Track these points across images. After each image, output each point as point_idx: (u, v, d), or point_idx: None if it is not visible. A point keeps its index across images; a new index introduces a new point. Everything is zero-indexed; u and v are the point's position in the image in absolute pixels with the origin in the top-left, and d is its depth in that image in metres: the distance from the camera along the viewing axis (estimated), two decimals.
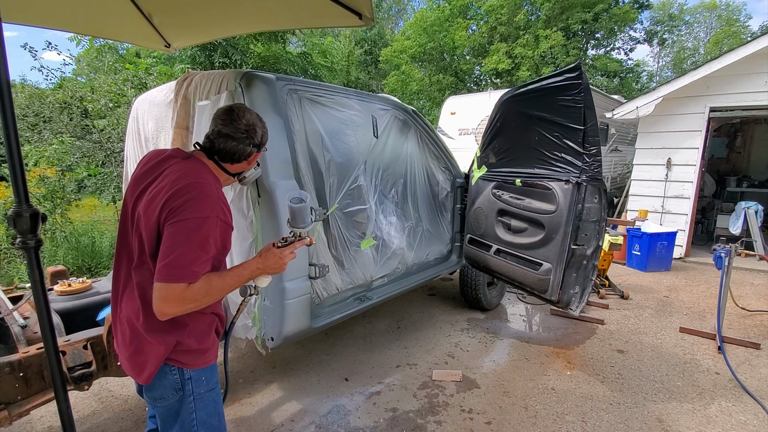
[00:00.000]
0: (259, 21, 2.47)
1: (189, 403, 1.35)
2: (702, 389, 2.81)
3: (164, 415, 1.38)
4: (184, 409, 1.36)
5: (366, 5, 1.84)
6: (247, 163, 1.44)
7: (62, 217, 5.93)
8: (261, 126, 1.42)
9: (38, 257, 1.31)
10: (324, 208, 2.38)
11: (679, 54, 30.53)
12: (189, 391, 1.35)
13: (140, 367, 1.30)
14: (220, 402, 1.47)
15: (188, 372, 1.34)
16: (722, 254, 3.30)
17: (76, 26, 2.61)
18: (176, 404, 1.35)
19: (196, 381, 1.36)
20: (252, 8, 2.16)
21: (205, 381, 1.39)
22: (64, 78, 8.97)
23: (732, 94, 5.62)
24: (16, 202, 1.27)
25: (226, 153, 1.36)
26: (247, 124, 1.37)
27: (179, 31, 2.46)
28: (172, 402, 1.35)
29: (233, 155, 1.37)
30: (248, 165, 1.46)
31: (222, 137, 1.34)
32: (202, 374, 1.37)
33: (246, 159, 1.42)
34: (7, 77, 1.24)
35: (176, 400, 1.35)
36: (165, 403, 1.35)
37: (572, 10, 16.25)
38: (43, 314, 1.33)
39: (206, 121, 2.22)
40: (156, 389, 1.34)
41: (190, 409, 1.36)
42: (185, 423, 1.37)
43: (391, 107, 2.98)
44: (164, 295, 1.15)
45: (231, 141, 1.35)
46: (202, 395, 1.38)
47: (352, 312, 2.66)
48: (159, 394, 1.34)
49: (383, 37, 22.28)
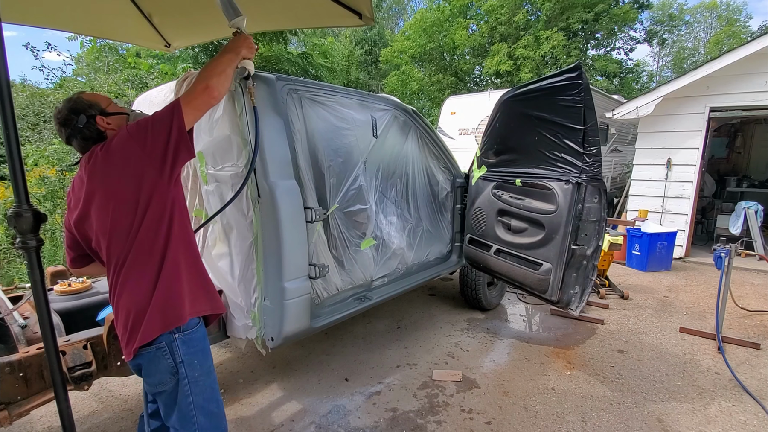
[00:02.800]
0: (260, 21, 2.47)
1: (184, 386, 1.43)
2: (702, 389, 2.81)
3: (165, 401, 1.46)
4: (180, 392, 1.43)
5: (366, 5, 1.85)
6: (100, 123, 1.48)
7: (62, 217, 5.91)
8: (66, 106, 1.45)
9: (38, 257, 1.32)
10: (324, 208, 2.38)
11: (679, 54, 30.52)
12: (183, 374, 1.42)
13: (134, 330, 1.38)
14: (216, 389, 1.55)
15: (180, 355, 1.41)
16: (722, 254, 3.30)
17: (76, 26, 2.62)
18: (174, 389, 1.43)
19: (189, 365, 1.43)
20: (253, 8, 2.16)
21: (198, 365, 1.46)
22: (65, 78, 8.98)
23: (732, 94, 5.62)
24: (16, 202, 1.27)
25: (82, 138, 1.46)
26: (60, 116, 1.45)
27: (179, 31, 2.47)
28: (171, 387, 1.42)
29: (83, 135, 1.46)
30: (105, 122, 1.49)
31: (69, 136, 1.46)
32: (194, 357, 1.45)
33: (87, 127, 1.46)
34: (7, 77, 1.24)
35: (173, 385, 1.42)
36: (164, 389, 1.43)
37: (572, 10, 16.24)
38: (43, 314, 1.33)
39: (206, 121, 2.22)
40: (154, 374, 1.42)
41: (186, 393, 1.43)
42: (182, 407, 1.44)
43: (391, 107, 2.98)
44: (186, 100, 1.39)
45: (70, 131, 1.45)
46: (196, 379, 1.45)
47: (352, 312, 2.66)
48: (157, 380, 1.42)
49: (383, 37, 22.28)
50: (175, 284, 1.42)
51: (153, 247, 1.38)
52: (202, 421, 1.46)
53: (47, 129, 6.89)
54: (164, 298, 1.39)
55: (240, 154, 2.12)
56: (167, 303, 1.39)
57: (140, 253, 1.38)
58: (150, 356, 1.39)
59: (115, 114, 1.49)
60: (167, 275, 1.40)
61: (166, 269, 1.40)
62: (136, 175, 1.35)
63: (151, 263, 1.38)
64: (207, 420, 1.48)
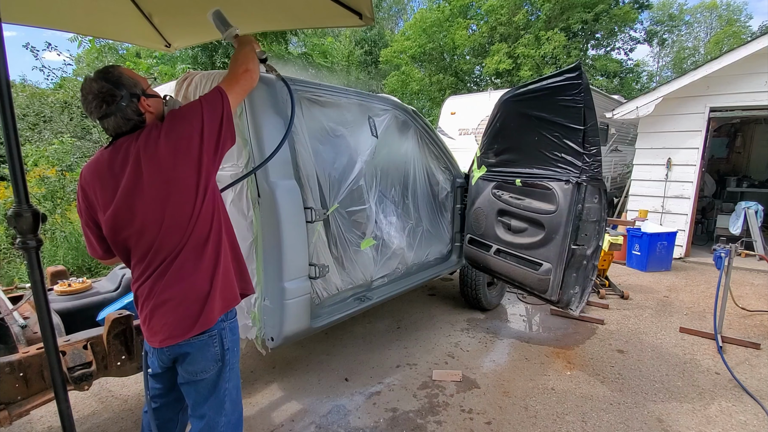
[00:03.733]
0: (260, 21, 2.47)
1: (226, 373, 1.46)
2: (702, 389, 2.81)
3: (201, 389, 1.46)
4: (221, 379, 1.46)
5: (366, 5, 1.85)
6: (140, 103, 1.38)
7: (62, 217, 5.93)
8: (107, 78, 1.33)
9: (38, 257, 1.31)
10: (324, 208, 2.38)
11: (679, 54, 30.51)
12: (228, 361, 1.46)
13: (192, 318, 1.37)
14: (239, 375, 1.58)
15: (227, 342, 1.44)
16: (722, 254, 3.30)
17: (76, 26, 2.62)
18: (215, 376, 1.45)
19: (232, 351, 1.47)
20: (253, 9, 2.17)
21: (237, 351, 1.51)
22: (65, 78, 8.99)
23: (732, 94, 5.62)
24: (16, 202, 1.27)
25: (123, 117, 1.35)
26: (102, 90, 1.32)
27: (179, 31, 2.47)
28: (213, 374, 1.44)
29: (120, 116, 1.35)
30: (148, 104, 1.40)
31: (108, 114, 1.33)
32: (235, 344, 1.49)
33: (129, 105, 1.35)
34: (7, 77, 1.24)
35: (216, 372, 1.44)
36: (205, 376, 1.44)
37: (572, 11, 16.25)
38: (43, 314, 1.33)
39: None
40: (198, 362, 1.42)
41: (225, 379, 1.46)
42: (220, 393, 1.46)
43: (391, 107, 2.98)
44: (230, 85, 1.47)
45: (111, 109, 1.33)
46: (233, 365, 1.50)
47: (352, 312, 2.66)
48: (201, 367, 1.42)
49: (383, 37, 22.27)
50: (228, 269, 1.46)
51: (210, 234, 1.39)
52: (229, 408, 1.49)
53: (47, 129, 6.89)
54: (223, 283, 1.43)
55: (240, 154, 2.12)
56: (225, 287, 1.44)
57: (198, 241, 1.37)
58: (201, 344, 1.40)
59: (153, 96, 1.42)
60: (224, 261, 1.44)
61: (223, 255, 1.43)
62: (196, 160, 1.34)
63: (208, 250, 1.39)
64: (232, 406, 1.51)
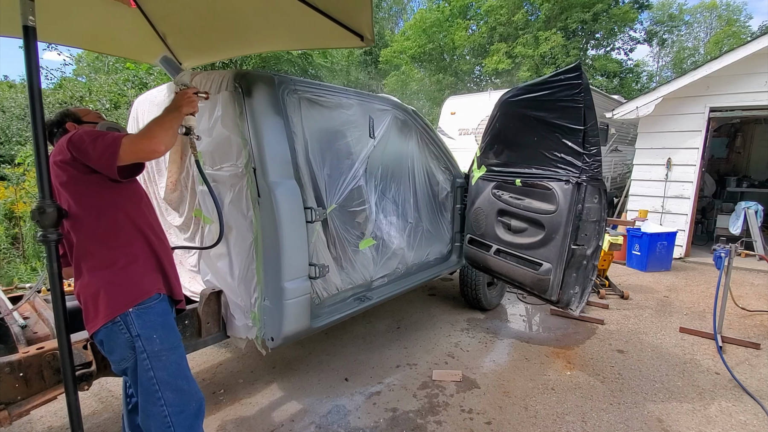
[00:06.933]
0: (268, 42, 2.59)
1: (143, 361, 1.46)
2: (702, 389, 2.81)
3: (131, 378, 1.50)
4: (140, 367, 1.46)
5: (367, 27, 1.92)
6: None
7: None
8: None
9: (57, 251, 1.38)
10: (324, 208, 2.38)
11: (679, 54, 30.50)
12: (140, 348, 1.46)
13: (93, 314, 1.46)
14: (185, 366, 1.58)
15: (135, 329, 1.45)
16: (722, 254, 3.30)
17: (98, 46, 2.79)
18: (134, 364, 1.47)
19: (146, 339, 1.47)
20: (261, 30, 2.29)
21: (158, 339, 1.49)
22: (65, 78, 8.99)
23: (732, 94, 5.62)
24: (40, 197, 1.34)
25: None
26: None
27: (190, 52, 2.60)
28: (132, 362, 1.47)
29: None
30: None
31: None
32: (152, 332, 1.48)
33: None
34: (39, 85, 1.36)
35: (134, 360, 1.46)
36: (128, 364, 1.47)
37: (571, 11, 16.26)
38: (58, 305, 1.37)
39: (206, 121, 2.22)
40: (115, 351, 1.47)
41: (145, 367, 1.46)
42: (143, 382, 1.46)
43: (390, 107, 2.98)
44: (134, 139, 1.44)
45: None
46: (157, 353, 1.48)
47: (352, 312, 2.66)
48: (119, 356, 1.47)
49: (383, 37, 22.28)
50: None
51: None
52: (170, 398, 1.48)
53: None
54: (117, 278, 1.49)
55: (240, 154, 2.12)
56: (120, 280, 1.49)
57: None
58: (108, 331, 1.45)
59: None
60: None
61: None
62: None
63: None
64: (176, 396, 1.50)
